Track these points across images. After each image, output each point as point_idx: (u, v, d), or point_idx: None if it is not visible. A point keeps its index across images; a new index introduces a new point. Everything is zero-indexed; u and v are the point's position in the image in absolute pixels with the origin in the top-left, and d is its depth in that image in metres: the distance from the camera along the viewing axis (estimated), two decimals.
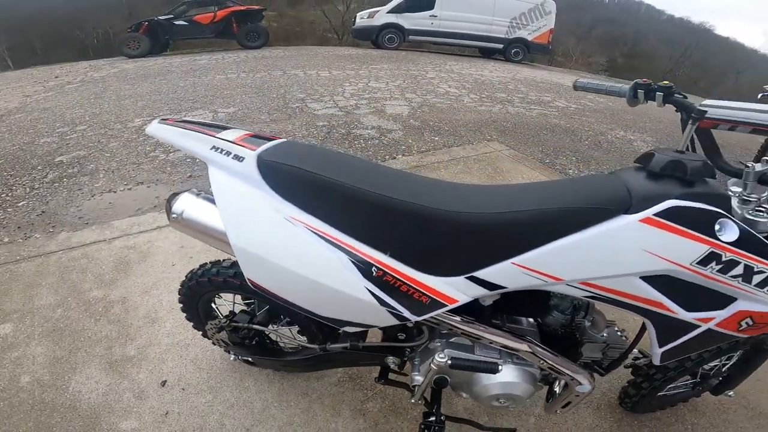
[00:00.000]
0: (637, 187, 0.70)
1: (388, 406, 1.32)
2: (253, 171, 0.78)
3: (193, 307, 1.21)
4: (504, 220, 0.72)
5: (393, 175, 0.86)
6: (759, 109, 0.77)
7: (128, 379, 1.37)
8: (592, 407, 1.41)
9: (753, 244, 0.67)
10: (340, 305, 0.81)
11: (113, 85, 5.69)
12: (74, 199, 2.49)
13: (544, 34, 11.09)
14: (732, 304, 0.72)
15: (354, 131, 3.74)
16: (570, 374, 0.89)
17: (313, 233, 0.76)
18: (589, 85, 1.18)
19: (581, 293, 0.74)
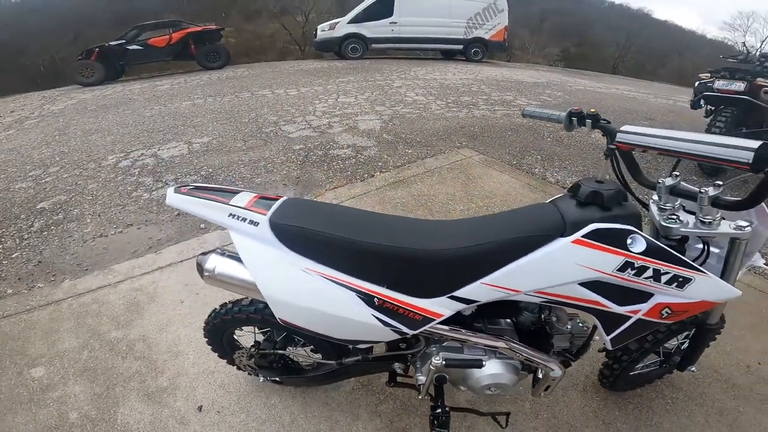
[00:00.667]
0: (568, 214, 0.91)
1: (399, 406, 1.49)
2: (268, 234, 0.96)
3: (218, 341, 1.37)
4: (472, 251, 0.93)
5: (380, 221, 1.07)
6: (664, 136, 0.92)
7: (168, 407, 1.49)
8: (579, 389, 1.58)
9: (657, 252, 0.88)
10: (353, 329, 1.02)
11: (75, 118, 5.57)
12: (67, 246, 2.51)
13: (499, 31, 11.53)
14: (651, 299, 0.94)
15: (331, 152, 3.87)
16: (542, 363, 1.09)
17: (325, 278, 0.96)
18: (534, 113, 1.35)
19: (538, 300, 0.96)
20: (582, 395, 1.56)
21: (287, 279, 0.96)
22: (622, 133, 1.00)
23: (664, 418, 1.48)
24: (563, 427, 1.44)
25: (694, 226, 0.92)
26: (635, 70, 26.22)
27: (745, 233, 0.90)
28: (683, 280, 0.90)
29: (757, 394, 1.59)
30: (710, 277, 0.92)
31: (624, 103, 6.67)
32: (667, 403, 1.54)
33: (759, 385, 1.63)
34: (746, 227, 0.89)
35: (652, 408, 1.52)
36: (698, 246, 1.02)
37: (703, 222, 0.91)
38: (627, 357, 1.35)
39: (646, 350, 1.31)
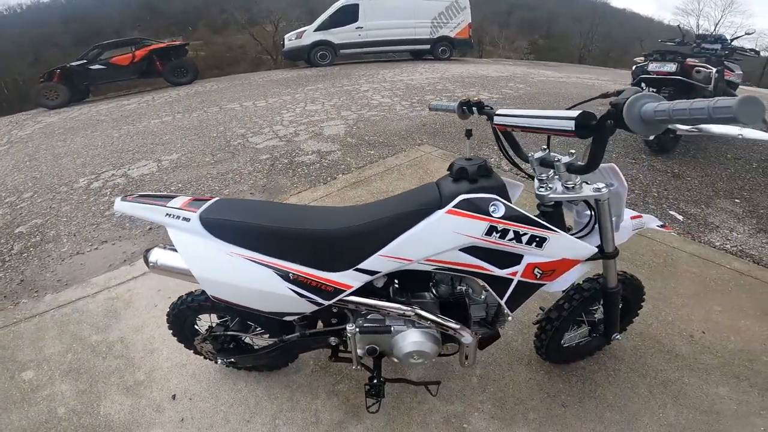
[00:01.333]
0: (444, 189, 1.07)
1: (355, 386, 1.62)
2: (198, 227, 1.14)
3: (181, 331, 1.52)
4: (367, 228, 1.10)
5: (293, 209, 1.28)
6: (518, 115, 1.07)
7: (145, 398, 1.64)
8: (524, 363, 1.65)
9: (514, 216, 1.02)
10: (274, 302, 1.17)
11: (44, 142, 5.57)
12: (47, 265, 2.63)
13: (464, 29, 11.78)
14: (522, 260, 1.07)
15: (296, 159, 4.01)
16: (451, 329, 1.20)
17: (247, 259, 1.13)
18: (438, 106, 1.51)
19: (430, 267, 1.09)
20: (527, 369, 1.63)
21: (214, 262, 1.13)
22: (497, 116, 1.17)
23: (607, 390, 1.53)
24: (509, 399, 1.52)
25: (561, 192, 1.08)
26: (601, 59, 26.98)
27: (603, 194, 1.07)
28: (540, 239, 1.04)
29: (701, 365, 1.62)
30: (562, 235, 1.06)
31: (582, 90, 6.98)
32: (610, 375, 1.59)
33: (703, 355, 1.66)
34: (603, 188, 1.06)
35: (595, 380, 1.57)
36: (587, 212, 1.18)
37: (567, 187, 1.07)
38: (550, 325, 1.44)
39: (564, 318, 1.41)
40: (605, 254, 1.18)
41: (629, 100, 0.83)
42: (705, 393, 1.53)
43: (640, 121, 0.83)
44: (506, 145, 1.27)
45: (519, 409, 1.50)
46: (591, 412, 1.47)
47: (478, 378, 1.61)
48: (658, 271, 2.20)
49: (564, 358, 1.62)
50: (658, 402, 1.50)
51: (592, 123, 0.92)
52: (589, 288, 1.39)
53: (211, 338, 1.43)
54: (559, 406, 1.50)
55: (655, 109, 0.80)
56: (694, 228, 2.65)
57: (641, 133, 0.89)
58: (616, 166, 1.13)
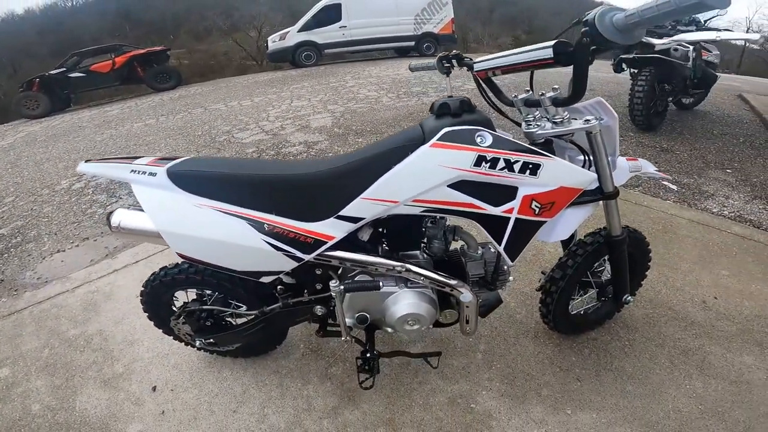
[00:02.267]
0: (427, 126, 1.03)
1: (349, 368, 1.52)
2: (165, 181, 1.05)
3: (157, 313, 1.41)
4: (345, 169, 1.03)
5: (267, 162, 1.18)
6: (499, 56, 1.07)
7: (123, 391, 1.55)
8: (531, 336, 1.56)
9: (504, 144, 0.98)
10: (248, 258, 1.08)
11: (25, 151, 5.46)
12: (27, 264, 2.55)
13: (447, 24, 11.79)
14: (518, 193, 1.01)
15: (283, 150, 3.94)
16: (448, 285, 1.11)
17: (216, 210, 1.04)
18: (418, 66, 1.50)
19: (418, 209, 1.02)
20: (534, 342, 1.54)
21: (180, 214, 1.05)
22: (477, 63, 1.15)
23: (625, 362, 1.44)
24: (519, 375, 1.42)
25: (550, 128, 1.05)
26: None
27: (593, 125, 1.03)
28: (534, 166, 0.99)
29: (719, 332, 1.54)
30: (556, 160, 1.01)
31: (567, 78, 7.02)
32: (625, 345, 1.50)
33: (720, 322, 1.58)
34: (593, 120, 1.04)
35: (610, 351, 1.48)
36: (580, 158, 1.14)
37: (555, 123, 1.04)
38: (554, 287, 1.34)
39: (570, 276, 1.31)
40: (605, 194, 1.13)
41: (597, 12, 0.86)
42: (730, 362, 1.45)
43: (615, 30, 0.86)
44: (489, 93, 1.25)
45: (531, 385, 1.40)
46: (610, 386, 1.38)
47: (483, 353, 1.52)
48: (658, 238, 2.16)
49: (573, 327, 1.52)
50: (682, 373, 1.42)
51: (569, 49, 0.91)
52: (592, 242, 1.33)
53: (186, 315, 1.31)
54: (575, 381, 1.40)
55: (625, 15, 0.84)
56: (689, 196, 2.65)
57: (620, 42, 0.89)
58: (602, 99, 1.09)
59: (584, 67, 0.93)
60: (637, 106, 3.73)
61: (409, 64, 1.53)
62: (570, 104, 1.03)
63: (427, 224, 1.18)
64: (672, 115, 4.27)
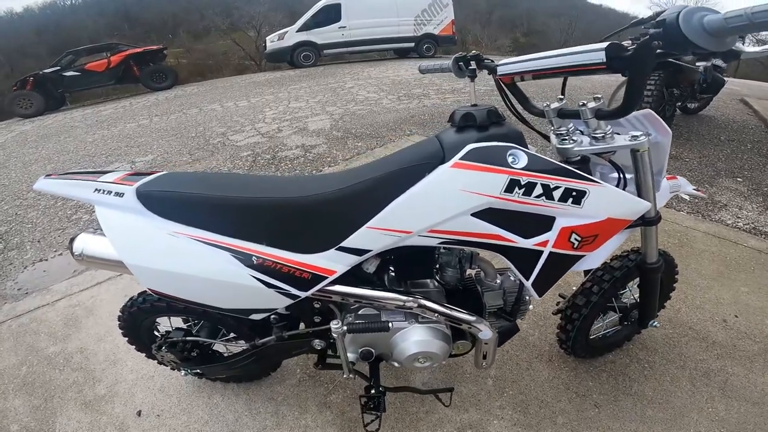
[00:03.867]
0: (446, 140, 0.86)
1: (350, 395, 1.41)
2: (134, 203, 0.89)
3: (137, 337, 1.28)
4: (348, 193, 0.86)
5: (255, 178, 1.01)
6: (531, 59, 0.93)
7: (106, 414, 1.45)
8: (545, 360, 1.47)
9: (542, 165, 0.82)
10: (234, 295, 0.93)
11: (15, 151, 5.34)
12: (8, 274, 2.44)
13: (447, 26, 11.76)
14: (555, 224, 0.86)
15: (279, 154, 3.82)
16: (465, 322, 0.98)
17: (194, 240, 0.88)
18: (429, 67, 1.33)
19: (435, 241, 0.87)
20: (549, 366, 1.45)
21: (151, 244, 0.89)
22: (501, 66, 0.99)
23: (645, 385, 1.37)
24: (532, 402, 1.33)
25: (589, 144, 0.90)
26: None
27: (642, 142, 0.88)
28: (578, 194, 0.84)
29: (741, 352, 1.47)
30: (606, 187, 0.86)
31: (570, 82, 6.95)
32: (644, 368, 1.43)
33: (742, 341, 1.51)
34: (641, 136, 0.88)
35: (628, 375, 1.40)
36: (614, 176, 0.98)
37: (596, 138, 0.89)
38: (577, 314, 1.24)
39: (594, 303, 1.21)
40: (646, 220, 0.99)
41: (684, 10, 0.71)
42: (753, 383, 1.38)
43: (705, 34, 0.70)
44: (513, 100, 1.09)
45: (545, 413, 1.31)
46: (629, 411, 1.30)
47: (494, 380, 1.42)
48: (675, 252, 2.04)
49: (591, 351, 1.42)
50: (704, 395, 1.35)
51: (626, 53, 0.75)
52: (620, 266, 1.20)
53: (167, 346, 1.17)
54: (592, 407, 1.32)
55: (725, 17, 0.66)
56: (703, 207, 2.58)
57: (709, 48, 0.73)
58: (653, 111, 0.94)
59: (643, 75, 0.78)
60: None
61: (419, 66, 1.37)
62: (618, 117, 0.87)
63: (441, 250, 1.04)
64: (678, 120, 4.18)
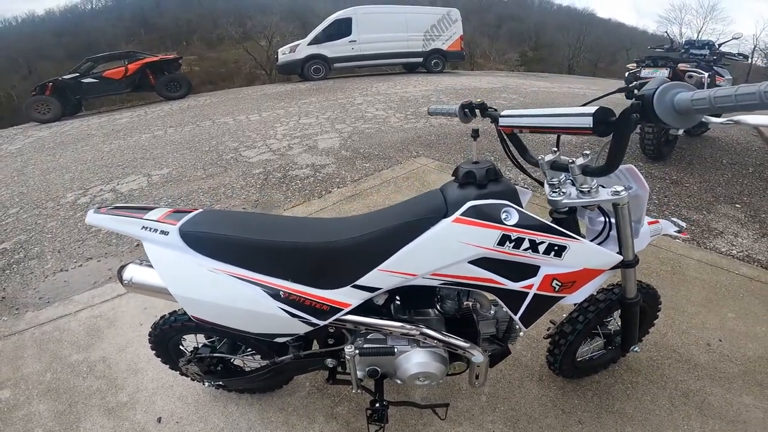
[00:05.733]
0: (450, 196, 0.99)
1: (355, 408, 1.52)
2: (178, 241, 1.04)
3: (165, 351, 1.42)
4: (364, 240, 1.00)
5: (283, 221, 1.16)
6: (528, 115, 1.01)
7: (128, 420, 1.54)
8: (535, 379, 1.57)
9: (530, 223, 0.94)
10: (264, 323, 1.08)
11: (33, 157, 5.48)
12: (29, 282, 2.53)
13: (456, 41, 11.96)
14: (539, 271, 0.99)
15: (290, 173, 3.94)
16: (460, 347, 1.12)
17: (231, 276, 1.03)
18: (437, 110, 1.43)
19: (436, 282, 1.01)
20: (538, 385, 1.56)
21: (195, 279, 1.03)
22: (502, 117, 1.09)
23: (626, 404, 1.46)
24: (522, 418, 1.44)
25: (576, 196, 0.99)
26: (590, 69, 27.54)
27: (622, 198, 0.98)
28: (559, 248, 0.96)
29: (722, 373, 1.57)
30: (584, 243, 0.98)
31: (574, 100, 7.06)
32: (627, 388, 1.53)
33: (723, 364, 1.61)
34: (622, 191, 0.98)
35: (612, 394, 1.51)
36: (601, 219, 1.11)
37: (582, 192, 0.99)
38: (563, 340, 1.36)
39: (579, 331, 1.33)
40: (625, 263, 1.10)
41: (660, 89, 0.78)
42: (729, 402, 1.48)
43: (673, 111, 0.78)
44: (512, 149, 1.21)
45: (533, 428, 1.42)
46: (610, 428, 1.40)
47: (487, 396, 1.53)
48: (667, 280, 2.15)
49: (578, 372, 1.54)
50: (682, 414, 1.45)
51: (611, 119, 0.85)
52: (604, 299, 1.32)
53: (196, 360, 1.32)
54: (576, 423, 1.42)
55: (692, 98, 0.74)
56: (698, 234, 2.63)
57: (673, 126, 0.83)
58: (634, 167, 1.05)
59: (625, 139, 0.87)
60: (647, 135, 3.62)
61: (428, 108, 1.49)
62: (602, 175, 0.97)
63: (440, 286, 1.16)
64: (681, 143, 4.22)
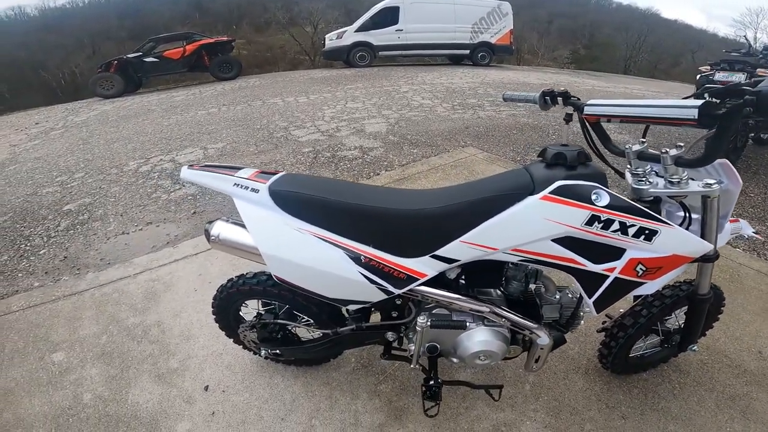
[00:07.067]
0: (537, 174, 0.99)
1: (399, 386, 1.53)
2: (267, 199, 1.08)
3: (225, 317, 1.46)
4: (449, 210, 1.01)
5: (367, 188, 1.19)
6: (622, 104, 1.01)
7: (176, 387, 1.58)
8: (581, 373, 1.56)
9: (621, 206, 0.93)
10: (342, 287, 1.10)
11: (97, 128, 5.82)
12: (92, 243, 2.66)
13: (505, 35, 11.65)
14: (624, 255, 0.98)
15: (338, 153, 4.00)
16: (528, 328, 1.13)
17: (317, 237, 1.06)
18: (514, 96, 1.43)
19: (516, 258, 1.01)
20: (584, 378, 1.55)
21: (282, 237, 1.07)
22: (588, 106, 1.09)
23: (672, 403, 1.46)
24: (565, 409, 1.44)
25: (664, 186, 0.98)
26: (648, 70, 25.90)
27: (714, 190, 0.96)
28: (650, 233, 0.94)
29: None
30: (676, 228, 0.96)
31: None
32: (674, 388, 1.51)
33: None
34: (714, 184, 0.96)
35: (658, 392, 1.49)
36: (680, 214, 1.07)
37: (671, 182, 0.97)
38: (623, 333, 1.34)
39: (641, 326, 1.31)
40: (705, 257, 1.06)
41: None
42: None
43: None
44: (595, 138, 1.19)
45: (575, 419, 1.41)
46: (653, 425, 1.39)
47: (531, 385, 1.53)
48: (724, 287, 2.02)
49: (628, 368, 1.53)
50: (726, 416, 1.43)
51: (717, 112, 0.84)
52: (671, 295, 1.29)
53: (260, 326, 1.36)
54: (619, 418, 1.41)
55: None
56: (759, 246, 2.51)
57: None
58: (728, 161, 1.01)
59: (730, 132, 0.87)
60: None
61: (503, 94, 1.48)
62: (697, 167, 0.97)
63: (509, 266, 1.17)
64: (748, 151, 3.97)
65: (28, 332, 1.88)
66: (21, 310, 2.04)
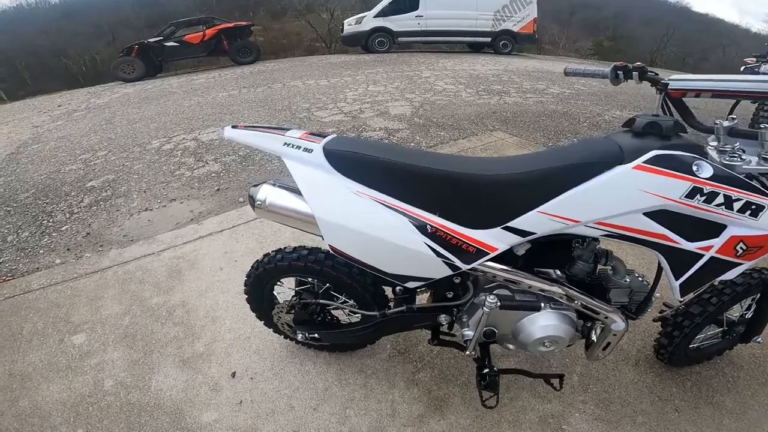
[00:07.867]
0: (626, 144, 0.89)
1: (438, 375, 1.43)
2: (322, 159, 0.96)
3: (259, 297, 1.34)
4: (526, 178, 0.91)
5: (430, 154, 1.06)
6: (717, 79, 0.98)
7: (202, 373, 1.48)
8: (631, 363, 1.49)
9: (727, 178, 0.85)
10: (405, 260, 0.98)
11: (119, 110, 5.83)
12: (115, 219, 2.61)
13: (528, 24, 11.32)
14: (724, 231, 0.89)
15: (363, 134, 3.90)
16: (603, 312, 1.03)
17: (377, 202, 0.94)
18: (577, 70, 1.38)
19: (598, 232, 0.91)
20: (635, 370, 1.47)
21: (339, 202, 0.96)
22: (674, 80, 1.04)
23: (726, 397, 1.40)
24: (615, 401, 1.37)
25: (758, 163, 0.90)
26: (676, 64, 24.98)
27: None
28: (756, 208, 0.86)
29: None
30: None
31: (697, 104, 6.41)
32: (728, 382, 1.45)
33: None
34: None
35: (712, 386, 1.43)
36: None
37: (766, 159, 0.89)
38: (689, 322, 1.25)
39: (708, 314, 1.22)
40: None
41: None
42: None
43: None
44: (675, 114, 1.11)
45: (626, 411, 1.35)
46: (707, 418, 1.35)
47: (579, 376, 1.45)
48: None
49: (686, 360, 1.46)
50: None
51: None
52: (742, 282, 1.19)
53: (300, 306, 1.25)
54: (672, 411, 1.36)
55: None
56: None
57: None
58: None
59: None
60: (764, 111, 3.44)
61: (565, 68, 1.40)
62: None
63: (576, 244, 1.05)
64: None
65: (48, 312, 1.81)
66: (41, 288, 1.97)
